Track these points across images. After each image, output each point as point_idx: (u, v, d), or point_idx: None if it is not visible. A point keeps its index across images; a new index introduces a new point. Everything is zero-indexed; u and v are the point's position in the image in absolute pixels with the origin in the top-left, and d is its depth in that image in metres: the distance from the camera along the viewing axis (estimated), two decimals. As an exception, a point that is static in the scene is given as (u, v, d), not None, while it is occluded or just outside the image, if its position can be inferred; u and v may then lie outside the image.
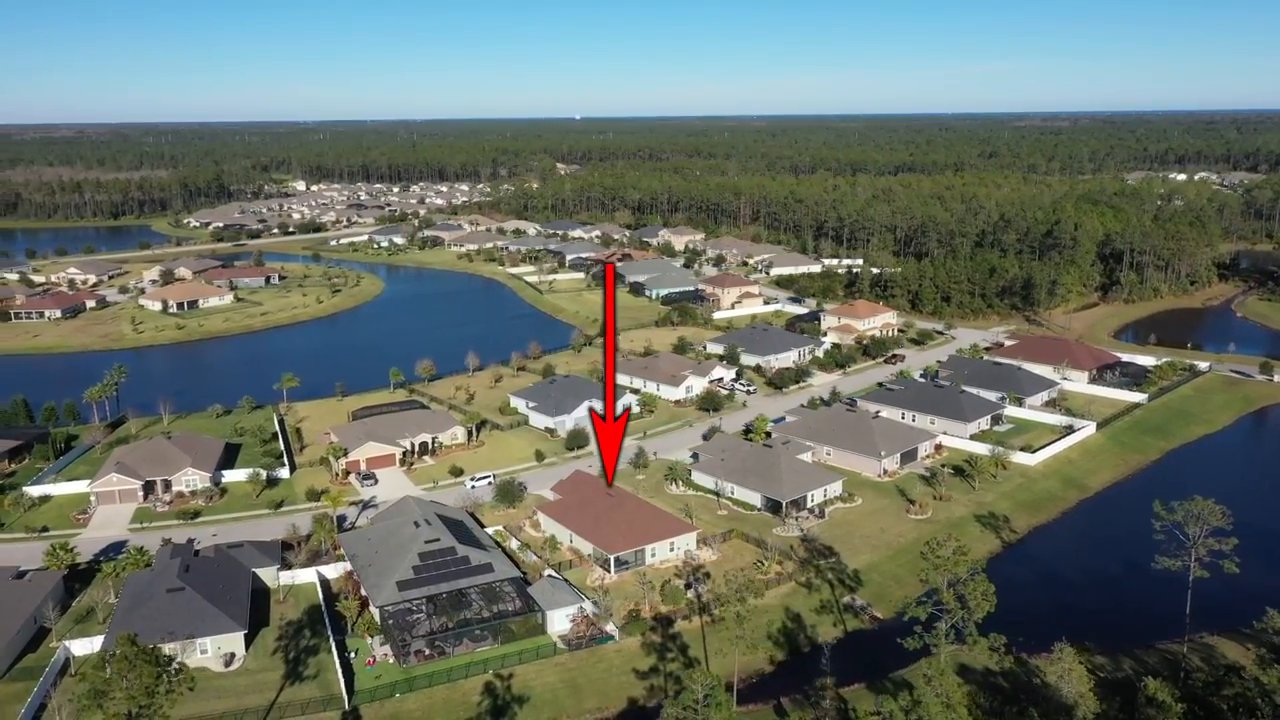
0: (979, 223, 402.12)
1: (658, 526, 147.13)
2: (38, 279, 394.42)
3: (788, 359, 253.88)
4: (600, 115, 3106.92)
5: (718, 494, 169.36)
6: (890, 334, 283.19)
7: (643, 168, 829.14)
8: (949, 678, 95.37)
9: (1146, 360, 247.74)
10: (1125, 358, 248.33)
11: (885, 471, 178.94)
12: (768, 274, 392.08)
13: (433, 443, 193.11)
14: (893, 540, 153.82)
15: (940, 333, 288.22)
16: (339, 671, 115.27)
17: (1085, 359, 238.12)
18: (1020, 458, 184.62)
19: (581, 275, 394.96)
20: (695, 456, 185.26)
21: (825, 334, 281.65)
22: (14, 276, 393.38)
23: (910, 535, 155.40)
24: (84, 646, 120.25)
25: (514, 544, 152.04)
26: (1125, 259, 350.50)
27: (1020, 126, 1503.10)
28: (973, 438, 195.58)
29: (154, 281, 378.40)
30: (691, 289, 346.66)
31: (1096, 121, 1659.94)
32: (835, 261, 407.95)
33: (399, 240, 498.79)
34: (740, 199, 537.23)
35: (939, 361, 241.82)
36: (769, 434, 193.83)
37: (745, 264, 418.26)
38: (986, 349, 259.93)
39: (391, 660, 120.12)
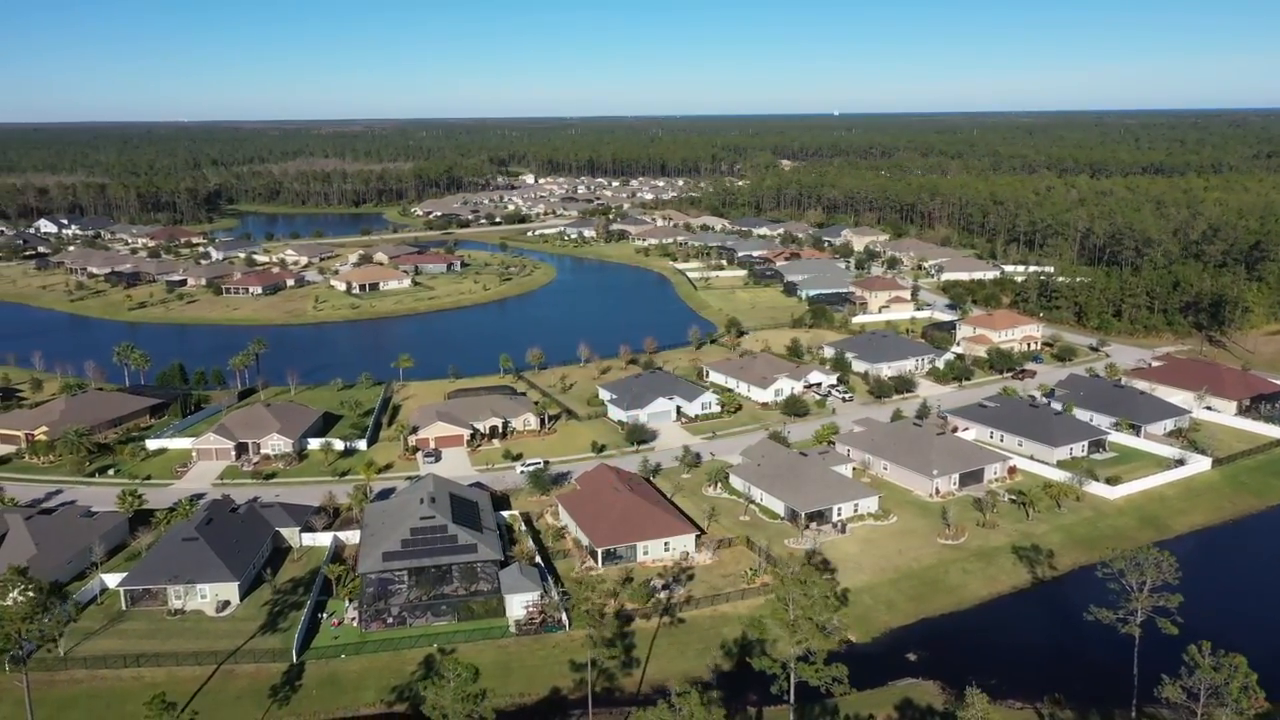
0: (1187, 232, 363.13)
1: (654, 525, 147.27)
2: (261, 259, 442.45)
3: (903, 368, 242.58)
4: (858, 111, 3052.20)
5: (748, 499, 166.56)
6: (1031, 348, 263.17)
7: (859, 165, 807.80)
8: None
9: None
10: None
11: (938, 491, 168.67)
12: (938, 278, 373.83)
13: (504, 427, 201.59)
14: (905, 564, 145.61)
15: (1094, 349, 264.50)
16: (300, 628, 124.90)
17: (1236, 388, 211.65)
18: (1098, 489, 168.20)
19: (744, 273, 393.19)
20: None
21: (958, 344, 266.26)
22: (242, 256, 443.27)
23: (928, 560, 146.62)
24: (114, 580, 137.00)
25: (523, 529, 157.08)
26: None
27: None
28: (1060, 464, 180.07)
29: (351, 264, 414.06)
30: (842, 291, 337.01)
31: None
32: (1017, 268, 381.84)
33: (589, 233, 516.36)
34: (935, 199, 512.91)
35: (1059, 381, 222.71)
36: (831, 443, 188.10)
37: (921, 267, 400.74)
38: (1128, 370, 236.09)
39: (356, 624, 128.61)
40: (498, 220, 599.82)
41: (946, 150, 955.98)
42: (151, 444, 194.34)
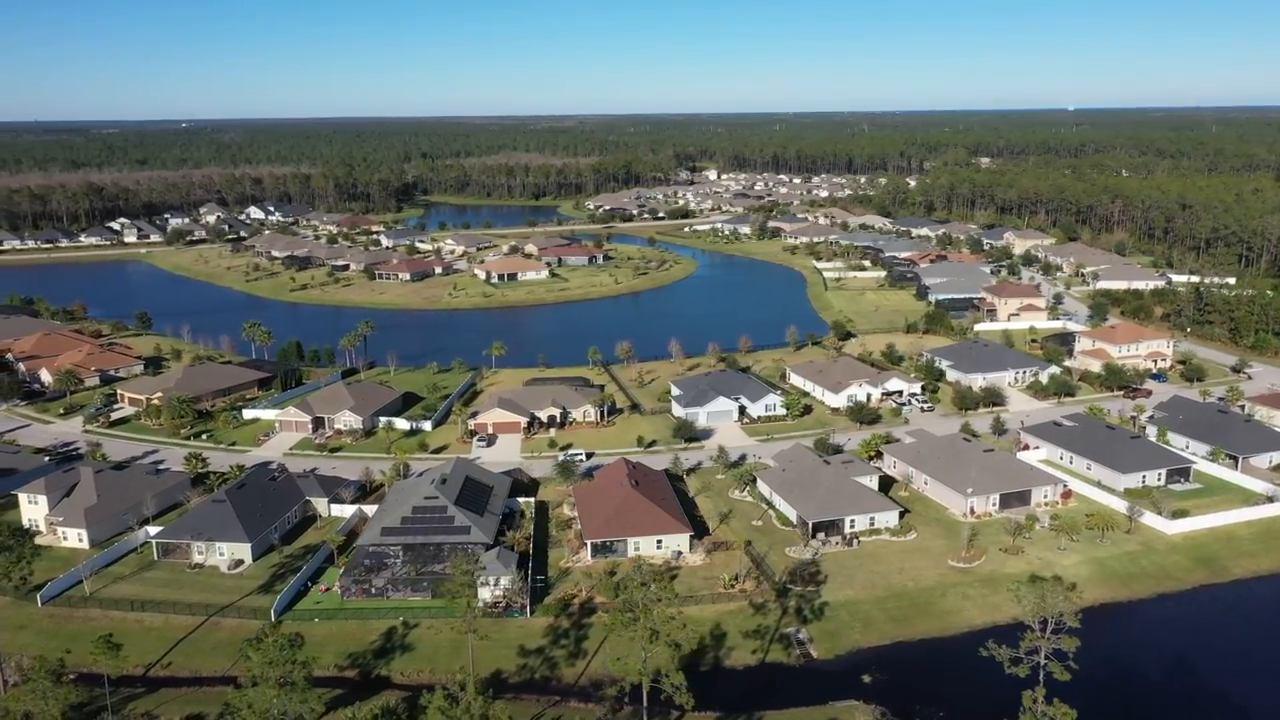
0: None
1: (648, 521, 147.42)
2: (424, 247, 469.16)
3: (1000, 379, 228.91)
4: (1099, 106, 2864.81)
5: (769, 504, 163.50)
6: (1157, 364, 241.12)
7: (1057, 163, 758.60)
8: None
9: None
10: None
11: (972, 511, 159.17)
12: (1092, 286, 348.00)
13: (562, 417, 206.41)
14: (901, 583, 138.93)
15: (1236, 369, 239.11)
16: (287, 590, 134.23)
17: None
18: (1154, 521, 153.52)
19: (883, 274, 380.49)
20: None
21: (1074, 357, 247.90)
22: (406, 244, 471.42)
23: (928, 581, 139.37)
24: (154, 533, 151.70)
25: (531, 516, 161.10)
26: None
27: None
28: (1128, 492, 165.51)
29: (503, 254, 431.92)
30: (973, 296, 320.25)
31: None
32: (1190, 278, 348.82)
33: (744, 230, 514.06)
34: (1115, 202, 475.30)
35: (1159, 403, 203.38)
36: (877, 454, 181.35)
37: (1079, 274, 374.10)
38: (1259, 396, 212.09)
39: (338, 592, 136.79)
40: (660, 215, 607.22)
41: (1167, 148, 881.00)
42: (248, 414, 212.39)
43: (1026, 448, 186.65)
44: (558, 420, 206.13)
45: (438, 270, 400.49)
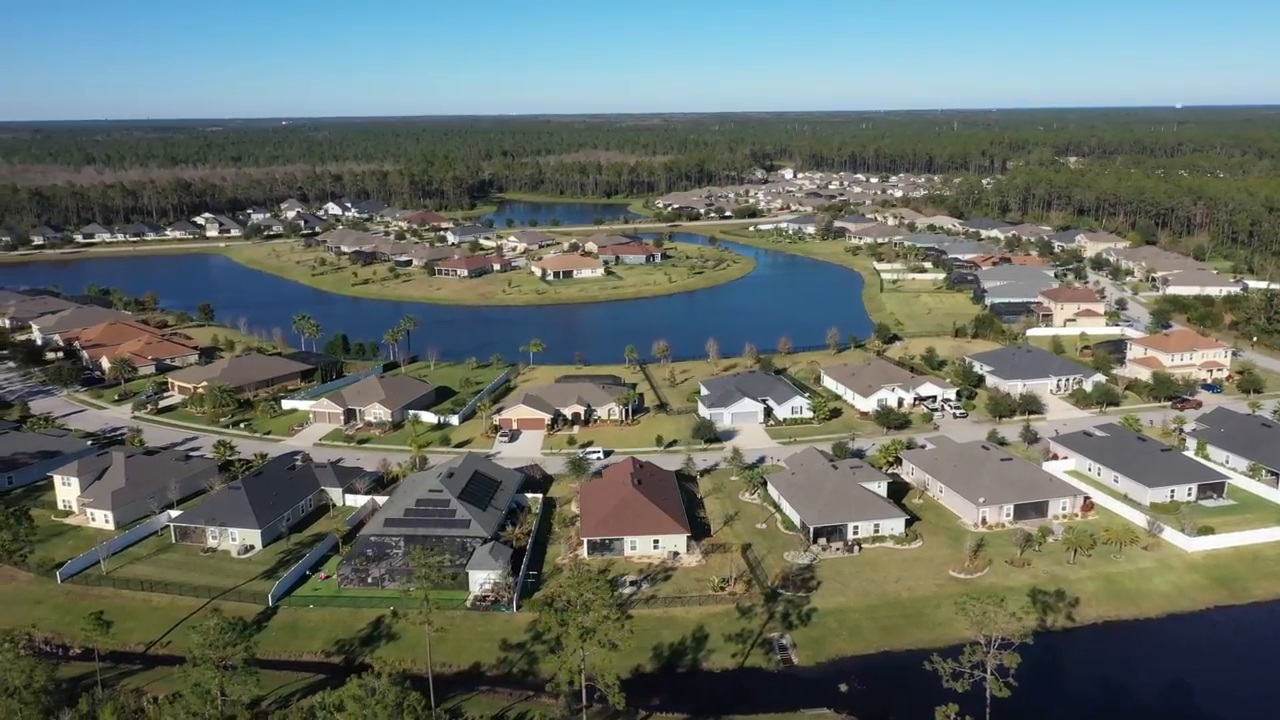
0: None
1: (646, 521, 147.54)
2: (487, 244, 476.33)
3: (1041, 386, 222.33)
4: (1208, 103, 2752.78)
5: (776, 507, 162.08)
6: (1213, 374, 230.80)
7: (1145, 163, 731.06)
8: None
9: None
10: None
11: (984, 521, 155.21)
12: (1162, 292, 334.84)
13: (586, 414, 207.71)
14: (895, 592, 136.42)
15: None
16: (287, 576, 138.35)
17: None
18: (1175, 537, 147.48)
19: (941, 277, 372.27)
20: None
21: (1125, 365, 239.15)
22: (469, 240, 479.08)
23: (924, 591, 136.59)
24: (174, 516, 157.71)
25: (536, 512, 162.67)
26: None
27: None
28: (1154, 506, 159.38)
29: (563, 252, 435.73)
30: (1029, 300, 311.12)
31: None
32: (1272, 285, 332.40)
33: (809, 229, 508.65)
34: (1198, 204, 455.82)
35: (1201, 415, 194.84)
36: (897, 459, 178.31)
37: (1150, 279, 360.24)
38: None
39: (336, 580, 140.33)
40: (727, 214, 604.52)
41: (1269, 148, 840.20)
42: (286, 404, 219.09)
43: (1055, 458, 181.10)
44: (582, 418, 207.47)
45: (496, 267, 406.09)
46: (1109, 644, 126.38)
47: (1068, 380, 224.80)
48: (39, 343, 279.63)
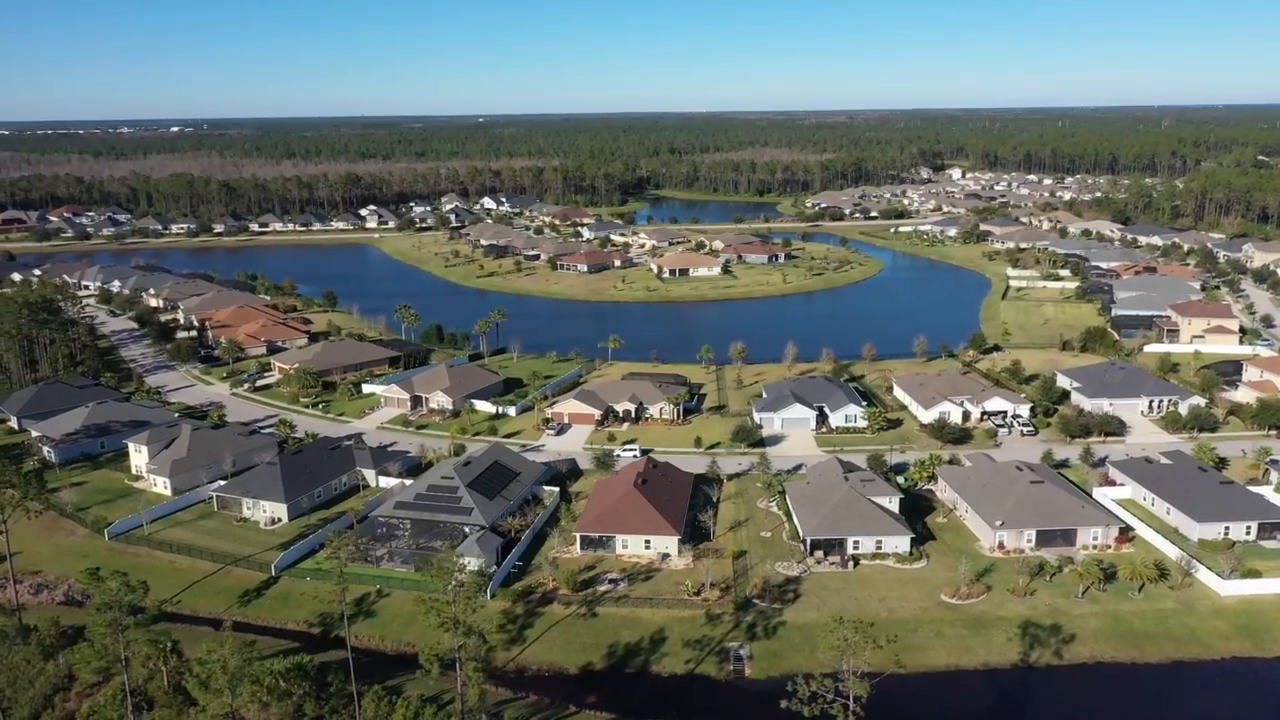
0: None
1: (639, 521, 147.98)
2: (618, 240, 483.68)
3: (1132, 406, 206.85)
4: None
5: (787, 516, 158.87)
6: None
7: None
8: None
9: None
10: None
11: (1001, 545, 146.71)
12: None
13: (636, 412, 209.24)
14: (875, 612, 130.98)
15: None
16: (293, 548, 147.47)
17: None
18: (1208, 578, 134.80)
19: (1074, 285, 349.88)
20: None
21: (1237, 387, 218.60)
22: (602, 236, 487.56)
23: (906, 614, 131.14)
24: (219, 486, 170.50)
25: (546, 505, 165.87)
26: None
27: None
28: (1202, 544, 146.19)
29: (695, 250, 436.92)
30: (1157, 314, 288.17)
31: None
32: None
33: (950, 232, 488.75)
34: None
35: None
36: (932, 476, 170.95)
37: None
38: None
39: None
40: (873, 215, 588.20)
41: None
42: (367, 389, 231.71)
43: (1112, 483, 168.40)
44: (632, 415, 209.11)
45: (616, 263, 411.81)
46: (1087, 685, 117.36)
47: (1162, 401, 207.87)
48: (181, 321, 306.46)
